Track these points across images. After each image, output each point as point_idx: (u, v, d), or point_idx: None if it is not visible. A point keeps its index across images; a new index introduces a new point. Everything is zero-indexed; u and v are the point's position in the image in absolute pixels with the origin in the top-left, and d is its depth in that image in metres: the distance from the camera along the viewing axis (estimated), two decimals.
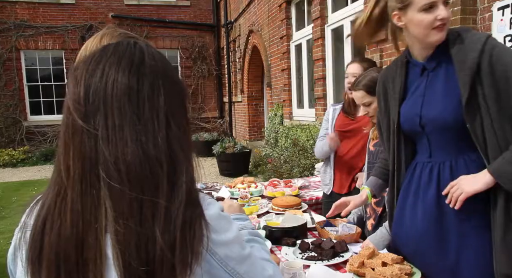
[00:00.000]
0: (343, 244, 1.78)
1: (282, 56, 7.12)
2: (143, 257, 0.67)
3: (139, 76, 0.74)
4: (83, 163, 0.70)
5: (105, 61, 0.74)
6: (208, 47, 11.85)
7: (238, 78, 10.31)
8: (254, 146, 8.62)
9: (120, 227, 0.67)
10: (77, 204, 0.70)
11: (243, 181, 3.13)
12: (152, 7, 11.44)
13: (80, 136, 0.71)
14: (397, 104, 1.57)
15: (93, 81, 0.73)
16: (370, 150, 2.14)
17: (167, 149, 0.72)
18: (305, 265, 1.63)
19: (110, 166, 0.69)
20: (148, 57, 0.76)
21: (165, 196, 0.70)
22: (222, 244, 0.75)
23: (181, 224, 0.69)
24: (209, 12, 11.89)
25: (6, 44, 10.14)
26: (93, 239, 0.69)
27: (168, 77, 0.77)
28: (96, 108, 0.71)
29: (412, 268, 1.53)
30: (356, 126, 2.60)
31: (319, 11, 5.57)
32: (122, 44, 0.78)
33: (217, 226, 0.75)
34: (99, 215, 0.69)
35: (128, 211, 0.68)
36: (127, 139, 0.70)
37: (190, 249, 0.70)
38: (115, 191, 0.68)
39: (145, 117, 0.72)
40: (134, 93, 0.72)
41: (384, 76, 1.68)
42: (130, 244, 0.67)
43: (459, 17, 3.22)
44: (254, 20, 8.55)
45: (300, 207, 2.53)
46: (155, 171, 0.70)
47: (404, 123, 1.56)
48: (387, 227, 1.85)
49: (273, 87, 7.92)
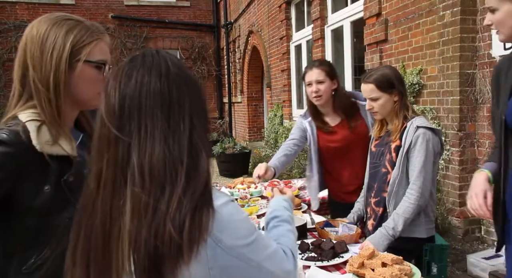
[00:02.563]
0: (343, 245, 1.78)
1: (282, 57, 7.12)
2: (152, 244, 0.75)
3: (168, 83, 0.81)
4: (115, 168, 0.79)
5: (136, 73, 0.81)
6: (207, 48, 11.84)
7: (238, 79, 10.31)
8: (254, 146, 8.62)
9: (133, 225, 0.77)
10: (106, 205, 0.79)
11: (243, 182, 3.13)
12: (152, 8, 11.43)
13: (115, 146, 0.79)
14: (507, 97, 1.48)
15: (127, 92, 0.80)
16: (372, 151, 2.12)
17: (190, 147, 0.80)
18: (305, 266, 1.63)
19: (136, 170, 0.77)
20: (171, 65, 0.84)
21: (181, 189, 0.77)
22: (226, 231, 0.81)
23: (191, 211, 0.76)
24: (209, 12, 11.89)
25: (6, 44, 10.14)
26: (117, 232, 0.78)
27: (189, 81, 0.85)
28: (131, 117, 0.79)
29: (412, 269, 1.53)
30: (340, 137, 2.38)
31: (319, 12, 5.58)
32: (147, 55, 0.86)
33: (224, 214, 0.81)
34: (123, 214, 0.78)
35: (144, 211, 0.76)
36: (155, 143, 0.78)
37: (197, 232, 0.76)
38: (135, 194, 0.77)
39: (174, 121, 0.80)
40: (165, 99, 0.80)
41: (500, 67, 1.58)
42: (142, 234, 0.76)
43: (459, 17, 3.22)
44: (254, 20, 8.55)
45: (300, 208, 2.52)
46: (176, 168, 0.78)
47: (511, 115, 1.46)
48: (386, 227, 1.86)
49: (273, 87, 7.92)
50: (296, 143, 2.42)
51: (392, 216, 1.87)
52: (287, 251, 0.94)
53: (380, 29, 4.18)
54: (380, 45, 4.25)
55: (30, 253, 1.04)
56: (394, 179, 1.91)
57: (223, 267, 0.81)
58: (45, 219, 1.03)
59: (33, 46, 1.05)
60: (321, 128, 2.42)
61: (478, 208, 1.47)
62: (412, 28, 3.77)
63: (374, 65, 4.24)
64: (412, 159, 1.88)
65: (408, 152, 1.88)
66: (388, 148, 1.99)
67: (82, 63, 1.09)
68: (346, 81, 5.24)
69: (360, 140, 2.35)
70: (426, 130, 1.87)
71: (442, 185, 3.52)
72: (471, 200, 1.51)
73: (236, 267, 0.83)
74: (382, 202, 1.98)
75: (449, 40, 3.32)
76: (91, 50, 1.10)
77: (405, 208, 1.85)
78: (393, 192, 1.91)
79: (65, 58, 1.06)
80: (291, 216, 1.10)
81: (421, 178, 1.84)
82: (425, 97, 3.69)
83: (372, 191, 2.06)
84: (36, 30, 1.07)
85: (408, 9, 3.81)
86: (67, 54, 1.06)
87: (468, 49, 3.25)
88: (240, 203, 2.61)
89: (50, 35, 1.06)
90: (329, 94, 2.34)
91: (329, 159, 2.47)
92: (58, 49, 1.05)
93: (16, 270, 1.03)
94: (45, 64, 1.05)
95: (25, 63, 1.07)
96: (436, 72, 3.52)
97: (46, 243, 1.04)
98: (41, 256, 1.04)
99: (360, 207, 2.20)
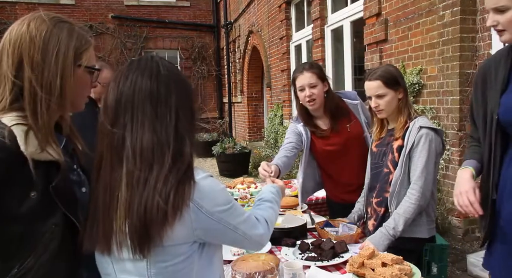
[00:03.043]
0: (343, 245, 1.78)
1: (281, 57, 7.12)
2: (142, 210, 0.95)
3: (158, 83, 1.01)
4: (112, 151, 1.00)
5: (132, 74, 1.01)
6: (207, 48, 11.85)
7: (238, 79, 10.31)
8: (254, 146, 8.62)
9: (128, 194, 0.98)
10: (106, 178, 1.01)
11: (243, 182, 3.13)
12: (151, 8, 11.44)
13: (112, 133, 0.99)
14: (498, 95, 1.49)
15: (124, 89, 1.00)
16: (373, 151, 2.11)
17: (175, 133, 1.00)
18: (305, 266, 1.63)
19: (130, 151, 0.98)
20: (162, 67, 1.03)
21: (167, 168, 0.97)
22: (206, 199, 1.01)
23: (176, 185, 0.96)
24: (209, 12, 11.89)
25: None
26: (115, 200, 0.99)
27: (177, 80, 1.05)
28: (125, 110, 0.99)
29: (412, 269, 1.53)
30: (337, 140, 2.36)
31: (318, 12, 5.58)
32: (143, 59, 1.06)
33: (205, 185, 1.02)
34: (119, 186, 0.99)
35: (136, 184, 0.97)
36: (145, 130, 0.98)
37: (180, 200, 0.96)
38: (129, 171, 0.98)
39: (161, 113, 0.99)
40: (154, 95, 1.00)
41: (487, 66, 1.58)
42: (134, 202, 0.96)
43: (458, 17, 3.22)
44: (254, 20, 8.55)
45: (300, 208, 2.52)
46: (162, 150, 0.98)
47: (504, 113, 1.47)
48: (387, 227, 1.85)
49: (272, 87, 7.93)
50: (294, 145, 2.36)
51: (392, 216, 1.87)
52: (260, 219, 1.17)
53: (380, 29, 4.18)
54: (380, 45, 4.25)
55: (12, 263, 0.97)
56: (396, 179, 1.91)
57: (206, 229, 1.02)
58: (30, 226, 0.98)
59: (32, 46, 0.99)
60: (315, 133, 2.38)
61: (469, 205, 1.48)
62: (412, 28, 3.77)
63: (374, 65, 4.24)
64: (414, 158, 1.87)
65: (410, 152, 1.88)
66: (390, 147, 1.98)
67: (80, 67, 1.07)
68: (346, 81, 5.24)
69: (356, 139, 2.35)
70: (429, 130, 1.86)
71: (442, 184, 3.52)
72: (460, 197, 1.51)
73: (217, 229, 1.04)
74: (384, 202, 1.97)
75: (449, 40, 3.32)
76: (89, 55, 1.10)
77: (406, 207, 1.84)
78: (395, 192, 1.91)
79: (70, 62, 1.03)
80: (274, 197, 1.33)
81: (422, 178, 1.84)
82: (425, 97, 3.69)
83: (374, 191, 2.05)
84: (36, 29, 1.01)
85: (408, 9, 3.81)
86: (72, 58, 1.04)
87: (468, 49, 3.25)
88: (240, 203, 2.61)
89: (52, 36, 1.02)
90: (322, 98, 2.30)
91: (327, 162, 2.44)
92: (63, 52, 1.02)
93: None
94: (48, 67, 1.00)
95: (20, 64, 1.00)
96: (436, 72, 3.52)
97: (29, 251, 0.99)
98: (24, 265, 0.98)
99: (360, 207, 2.20)
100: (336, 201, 2.51)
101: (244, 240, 1.11)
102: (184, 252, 1.01)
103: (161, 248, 0.98)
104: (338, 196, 2.49)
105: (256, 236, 1.12)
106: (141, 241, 0.96)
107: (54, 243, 1.01)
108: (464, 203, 1.50)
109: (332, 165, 2.43)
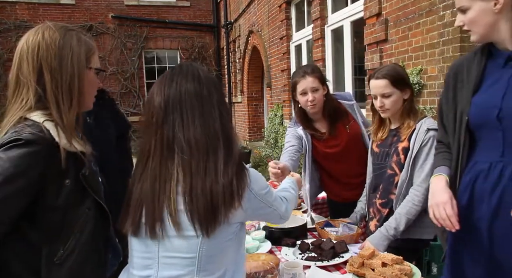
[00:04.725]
0: (343, 245, 1.78)
1: (282, 57, 7.12)
2: (208, 194, 1.08)
3: (200, 85, 1.16)
4: (161, 147, 1.13)
5: (176, 77, 1.17)
6: (208, 48, 11.84)
7: (238, 79, 10.31)
8: (254, 146, 8.62)
9: (186, 183, 1.10)
10: (156, 169, 1.13)
11: None
12: (152, 8, 11.43)
13: (161, 130, 1.13)
14: (470, 95, 1.45)
15: (171, 91, 1.14)
16: (375, 151, 2.09)
17: (221, 127, 1.15)
18: (305, 266, 1.64)
19: (184, 144, 1.11)
20: (201, 72, 1.20)
21: (223, 157, 1.12)
22: (255, 184, 1.19)
23: (236, 171, 1.12)
24: (209, 12, 11.89)
25: (6, 44, 10.13)
26: (167, 193, 1.11)
27: (215, 82, 1.22)
28: (174, 109, 1.13)
29: (412, 269, 1.53)
30: (338, 142, 2.36)
31: (319, 12, 5.58)
32: (184, 66, 1.22)
33: (252, 173, 1.20)
34: (171, 178, 1.11)
35: (195, 171, 1.10)
36: (196, 124, 1.12)
37: (242, 184, 1.13)
38: (184, 161, 1.11)
39: (206, 110, 1.15)
40: (199, 96, 1.15)
41: (459, 65, 1.54)
42: (197, 187, 1.09)
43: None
44: (254, 20, 8.55)
45: (300, 208, 2.53)
46: (215, 142, 1.13)
47: (475, 114, 1.42)
48: (388, 226, 1.85)
49: (273, 87, 7.92)
50: (297, 149, 2.33)
51: (394, 216, 1.86)
52: (283, 199, 1.36)
53: (380, 29, 4.18)
54: (380, 45, 4.24)
55: (57, 245, 1.12)
56: (402, 181, 1.89)
57: (253, 208, 1.19)
58: (67, 212, 1.12)
59: (49, 53, 1.14)
60: (314, 136, 2.37)
61: (446, 218, 1.39)
62: (412, 28, 3.77)
63: (374, 65, 4.24)
64: (420, 160, 1.85)
65: (417, 153, 1.85)
66: (394, 149, 1.95)
67: (91, 70, 1.23)
68: (346, 81, 5.24)
69: (356, 139, 2.36)
70: (436, 133, 1.84)
71: None
72: (437, 208, 1.42)
73: (261, 208, 1.22)
74: (389, 203, 1.95)
75: (449, 40, 3.32)
76: (96, 58, 1.26)
77: (409, 208, 1.83)
78: (401, 194, 1.89)
79: (83, 65, 1.19)
80: (291, 186, 1.54)
81: (427, 181, 1.82)
82: (425, 97, 3.69)
83: (377, 192, 2.03)
84: (50, 38, 1.15)
85: (408, 9, 3.81)
86: (84, 62, 1.20)
87: (468, 49, 3.25)
88: None
89: (65, 43, 1.17)
90: (322, 101, 2.29)
91: (329, 164, 2.43)
92: (76, 56, 1.18)
93: (47, 262, 1.10)
94: (65, 70, 1.15)
95: (40, 70, 1.14)
96: (436, 72, 3.52)
97: (69, 235, 1.14)
98: (67, 247, 1.13)
99: (362, 206, 2.19)
100: (337, 200, 2.51)
101: (276, 215, 1.30)
102: (232, 231, 1.16)
103: (222, 227, 1.11)
104: (339, 195, 2.49)
105: (282, 211, 1.32)
106: (207, 221, 1.08)
107: (89, 226, 1.18)
108: (441, 216, 1.40)
109: (334, 166, 2.43)
